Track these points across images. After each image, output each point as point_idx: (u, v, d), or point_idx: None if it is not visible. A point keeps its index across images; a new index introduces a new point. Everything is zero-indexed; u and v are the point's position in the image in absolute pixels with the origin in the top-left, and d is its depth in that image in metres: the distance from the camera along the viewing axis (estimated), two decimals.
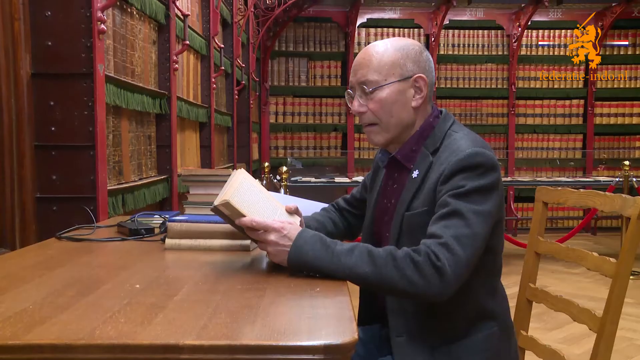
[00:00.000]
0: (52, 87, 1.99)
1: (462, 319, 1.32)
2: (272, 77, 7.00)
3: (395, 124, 1.40)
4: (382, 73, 1.38)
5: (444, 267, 1.17)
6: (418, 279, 1.18)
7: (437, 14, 6.84)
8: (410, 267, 1.18)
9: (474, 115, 7.16)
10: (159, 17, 2.88)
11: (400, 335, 1.33)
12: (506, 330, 1.37)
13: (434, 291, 1.18)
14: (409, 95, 1.40)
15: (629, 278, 1.32)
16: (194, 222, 1.48)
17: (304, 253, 1.20)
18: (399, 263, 1.19)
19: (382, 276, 1.19)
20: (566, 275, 4.89)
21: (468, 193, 1.24)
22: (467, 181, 1.25)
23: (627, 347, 3.24)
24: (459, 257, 1.19)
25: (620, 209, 1.37)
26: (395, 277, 1.18)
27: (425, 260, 1.18)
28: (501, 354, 1.34)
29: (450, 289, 1.19)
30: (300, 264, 1.21)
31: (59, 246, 1.50)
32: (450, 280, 1.18)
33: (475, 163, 1.27)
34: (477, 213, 1.23)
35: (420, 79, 1.39)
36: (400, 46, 1.40)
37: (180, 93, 3.32)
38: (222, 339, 0.80)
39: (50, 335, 0.81)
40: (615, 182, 5.32)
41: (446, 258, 1.18)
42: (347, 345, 0.79)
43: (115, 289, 1.07)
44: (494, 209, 1.27)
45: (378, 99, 1.39)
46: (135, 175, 2.64)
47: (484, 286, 1.34)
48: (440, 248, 1.19)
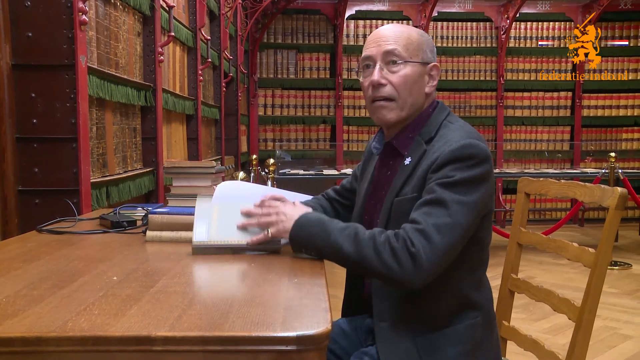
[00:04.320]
0: (33, 79, 1.97)
1: (445, 308, 1.32)
2: (261, 70, 6.97)
3: (411, 103, 1.40)
4: (409, 50, 1.39)
5: (418, 254, 1.18)
6: (392, 263, 1.19)
7: (425, 6, 6.83)
8: (387, 251, 1.20)
9: (463, 107, 7.17)
10: (143, 9, 2.85)
11: (384, 320, 1.33)
12: (489, 322, 1.38)
13: (407, 277, 1.19)
14: (425, 81, 1.42)
15: (607, 268, 1.33)
16: (175, 215, 1.47)
17: (304, 228, 1.28)
18: (378, 246, 1.21)
19: (362, 257, 1.22)
20: (553, 266, 4.93)
21: (455, 183, 1.25)
22: (456, 172, 1.26)
23: (610, 337, 3.28)
24: (436, 245, 1.19)
25: (600, 200, 1.37)
26: (374, 260, 1.21)
27: (401, 246, 1.20)
28: (483, 344, 1.35)
29: (424, 276, 1.20)
30: (299, 238, 1.28)
31: (39, 239, 1.49)
32: (424, 267, 1.18)
33: (467, 154, 1.27)
34: (461, 203, 1.23)
35: (435, 68, 1.43)
36: (422, 33, 1.45)
37: (166, 85, 3.30)
38: (196, 330, 0.80)
39: (21, 328, 0.80)
40: (601, 173, 5.36)
41: (422, 245, 1.19)
42: (320, 336, 0.79)
43: (92, 281, 1.07)
44: (481, 201, 1.27)
45: (403, 74, 1.38)
46: (120, 168, 2.63)
47: (469, 277, 1.34)
48: (418, 235, 1.20)
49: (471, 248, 1.30)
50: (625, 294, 4.13)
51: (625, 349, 3.10)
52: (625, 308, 3.77)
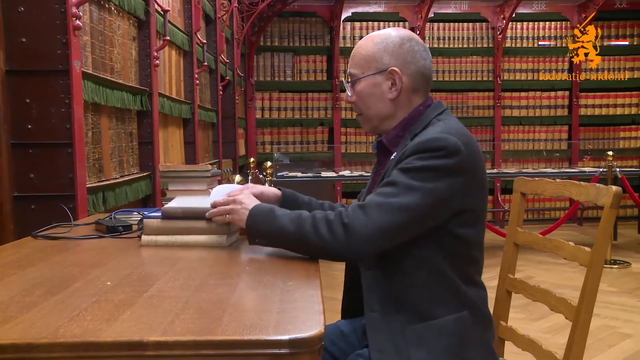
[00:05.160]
0: (27, 85, 1.97)
1: (433, 300, 1.32)
2: (258, 73, 6.97)
3: (373, 115, 1.46)
4: (360, 66, 1.45)
5: (351, 224, 1.23)
6: (327, 235, 1.24)
7: (421, 7, 6.84)
8: (324, 224, 1.25)
9: (460, 107, 7.18)
10: (138, 13, 2.85)
11: (374, 310, 1.34)
12: (481, 320, 1.37)
13: (340, 247, 1.24)
14: (384, 88, 1.42)
15: (603, 266, 1.33)
16: (171, 219, 1.47)
17: (256, 218, 1.32)
18: (316, 222, 1.26)
19: (301, 234, 1.26)
20: (552, 265, 4.92)
21: (413, 169, 1.27)
22: (418, 160, 1.28)
23: (609, 336, 3.27)
24: (372, 219, 1.23)
25: (595, 198, 1.37)
26: (311, 234, 1.26)
27: (336, 218, 1.25)
28: (470, 340, 1.33)
29: (357, 248, 1.24)
30: (252, 225, 1.32)
31: (34, 245, 1.49)
32: (356, 238, 1.23)
33: (433, 146, 1.28)
34: (411, 187, 1.26)
35: (394, 72, 1.40)
36: (381, 39, 1.43)
37: (162, 89, 3.30)
38: (188, 334, 0.80)
39: (12, 335, 0.80)
40: (599, 172, 5.36)
41: (357, 218, 1.24)
42: (313, 339, 0.79)
43: (85, 287, 1.06)
44: (445, 190, 1.27)
45: (358, 91, 1.46)
46: (116, 173, 2.62)
47: (455, 271, 1.33)
48: (356, 209, 1.26)
49: (453, 244, 1.31)
50: (625, 292, 4.12)
51: (625, 348, 3.10)
52: (624, 306, 3.77)
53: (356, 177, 5.67)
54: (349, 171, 6.04)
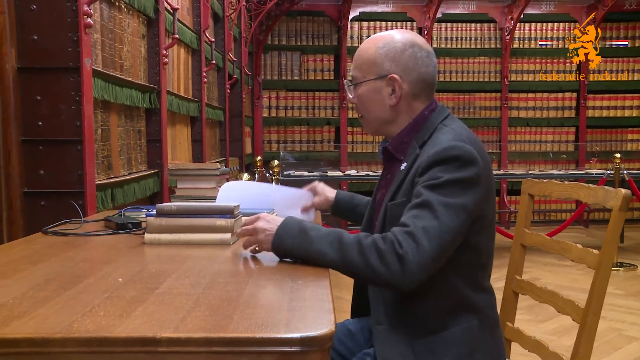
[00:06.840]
0: (38, 82, 1.98)
1: (440, 311, 1.32)
2: (265, 71, 6.98)
3: (373, 119, 1.47)
4: (362, 70, 1.45)
5: (406, 256, 1.17)
6: (380, 266, 1.18)
7: (429, 7, 6.83)
8: (374, 254, 1.19)
9: (467, 108, 7.17)
10: (147, 11, 2.86)
11: (381, 323, 1.34)
12: (489, 325, 1.36)
13: (396, 280, 1.18)
14: (385, 94, 1.42)
15: (611, 269, 1.33)
16: (173, 217, 1.47)
17: (284, 240, 1.24)
18: (364, 250, 1.20)
19: (347, 263, 1.21)
20: (558, 267, 4.91)
21: (442, 185, 1.24)
22: (443, 173, 1.25)
23: (615, 338, 3.27)
24: (424, 248, 1.18)
25: (603, 201, 1.37)
26: (360, 265, 1.20)
27: (389, 248, 1.19)
28: (481, 347, 1.33)
29: (413, 279, 1.18)
30: (281, 250, 1.25)
31: (44, 241, 1.50)
32: (412, 269, 1.17)
33: (451, 156, 1.27)
34: (447, 205, 1.22)
35: (394, 79, 1.40)
36: (384, 44, 1.41)
37: (170, 87, 3.32)
38: (200, 331, 0.81)
39: (27, 329, 0.81)
40: (606, 174, 5.34)
41: (410, 247, 1.18)
42: (323, 337, 0.79)
43: (97, 283, 1.07)
44: (471, 203, 1.25)
45: (358, 94, 1.46)
46: (124, 170, 2.64)
47: (465, 280, 1.33)
48: (406, 237, 1.19)
49: (465, 252, 1.29)
50: (631, 295, 4.11)
51: (630, 351, 3.09)
52: (630, 309, 3.76)
53: (362, 176, 5.67)
54: (355, 171, 6.05)
